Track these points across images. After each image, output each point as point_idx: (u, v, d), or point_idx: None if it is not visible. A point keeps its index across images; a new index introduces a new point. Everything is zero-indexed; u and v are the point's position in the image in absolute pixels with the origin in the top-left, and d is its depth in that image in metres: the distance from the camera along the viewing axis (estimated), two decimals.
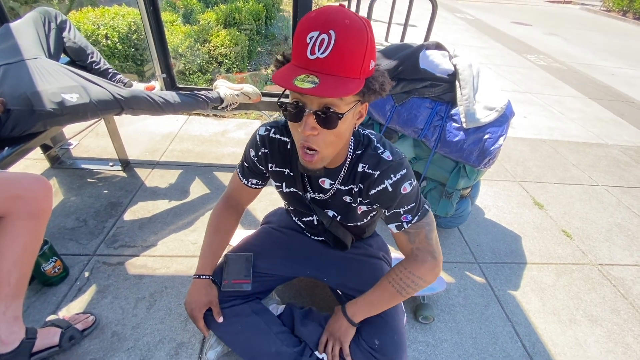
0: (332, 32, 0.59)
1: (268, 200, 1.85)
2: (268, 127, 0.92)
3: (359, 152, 0.85)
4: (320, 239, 1.15)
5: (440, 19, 7.28)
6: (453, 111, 1.42)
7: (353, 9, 2.67)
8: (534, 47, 6.25)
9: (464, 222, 1.75)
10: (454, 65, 1.45)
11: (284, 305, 1.15)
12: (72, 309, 1.23)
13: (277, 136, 0.91)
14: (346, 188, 0.89)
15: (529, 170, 2.43)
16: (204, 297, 0.98)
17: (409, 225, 0.85)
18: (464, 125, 1.38)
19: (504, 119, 1.39)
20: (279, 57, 0.71)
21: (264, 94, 1.92)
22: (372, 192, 0.85)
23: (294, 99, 0.68)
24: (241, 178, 1.03)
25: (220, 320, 0.98)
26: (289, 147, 0.91)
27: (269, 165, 0.95)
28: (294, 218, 1.16)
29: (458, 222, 1.69)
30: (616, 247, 1.83)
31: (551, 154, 2.69)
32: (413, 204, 0.84)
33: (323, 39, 0.59)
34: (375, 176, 0.82)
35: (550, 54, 5.85)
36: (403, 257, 0.93)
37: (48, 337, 1.05)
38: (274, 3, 4.69)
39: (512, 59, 5.32)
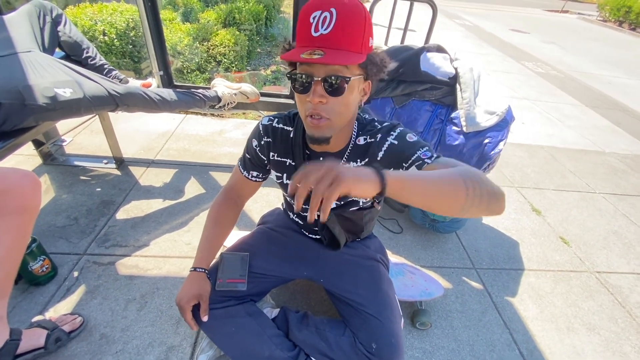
0: (333, 10, 0.64)
1: (264, 201, 1.82)
2: (271, 118, 0.95)
3: (361, 132, 0.88)
4: (317, 237, 1.13)
5: (439, 25, 7.32)
6: (453, 114, 1.41)
7: None
8: (532, 54, 6.30)
9: (462, 227, 1.74)
10: (455, 69, 1.44)
11: (279, 309, 1.13)
12: (60, 310, 1.19)
13: (280, 126, 0.94)
14: (352, 165, 0.87)
15: (526, 177, 2.42)
16: (195, 290, 0.95)
17: (432, 160, 0.73)
18: (464, 129, 1.37)
19: (504, 124, 1.38)
20: (286, 45, 0.75)
21: (263, 94, 1.90)
22: (381, 154, 0.83)
23: (302, 71, 0.71)
24: (242, 170, 1.03)
25: (205, 318, 0.95)
26: (291, 136, 0.92)
27: (271, 154, 0.96)
28: (292, 216, 1.14)
29: (456, 227, 1.67)
30: (613, 254, 1.83)
31: (549, 161, 2.69)
32: (426, 147, 0.77)
33: (325, 17, 0.64)
34: (378, 139, 0.84)
35: (548, 62, 5.90)
36: (403, 262, 0.91)
37: (33, 339, 1.01)
38: (274, 4, 4.68)
39: (511, 66, 5.35)
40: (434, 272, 1.54)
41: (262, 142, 0.95)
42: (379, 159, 0.84)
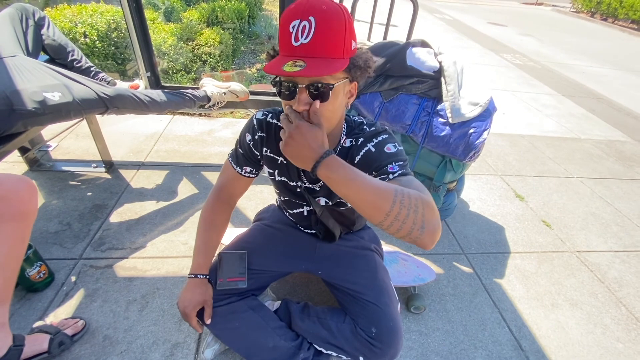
0: (311, 18, 0.63)
1: (258, 199, 1.85)
2: (265, 112, 0.94)
3: (349, 134, 0.89)
4: (312, 232, 1.16)
5: (420, 20, 7.43)
6: (439, 107, 1.47)
7: None
8: (509, 46, 6.48)
9: (451, 215, 1.80)
10: (440, 62, 1.49)
11: (280, 301, 1.16)
12: (60, 315, 1.19)
13: (274, 121, 0.92)
14: None
15: (509, 165, 2.52)
16: (199, 296, 0.97)
17: (395, 175, 0.74)
18: (450, 120, 1.43)
19: (487, 114, 1.44)
20: (270, 52, 0.74)
21: (252, 92, 1.91)
22: (357, 158, 0.84)
23: (286, 80, 0.71)
24: (235, 166, 1.00)
25: (209, 322, 0.97)
26: None
27: (264, 149, 0.95)
28: (285, 212, 1.17)
29: (445, 215, 1.74)
30: (592, 234, 1.94)
31: (529, 149, 2.80)
32: (400, 162, 0.77)
33: (304, 26, 0.64)
34: (358, 144, 0.85)
35: (525, 54, 6.09)
36: (395, 250, 0.94)
37: (36, 344, 1.02)
38: (256, 2, 4.66)
39: (490, 58, 5.50)
40: (425, 259, 1.60)
41: (256, 137, 0.93)
42: (355, 162, 0.84)
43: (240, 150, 0.98)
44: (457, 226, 1.84)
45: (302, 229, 1.17)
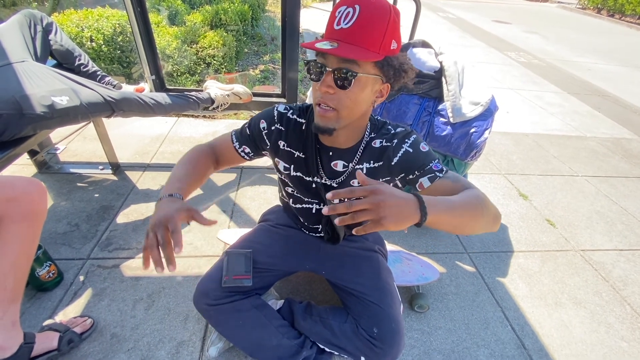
0: (357, 6, 0.67)
1: (262, 199, 1.86)
2: (287, 107, 0.95)
3: (374, 134, 0.90)
4: (316, 235, 1.17)
5: (423, 18, 7.40)
6: (440, 106, 1.47)
7: None
8: (514, 44, 6.44)
9: None
10: (440, 62, 1.50)
11: (283, 300, 1.17)
12: (69, 313, 1.22)
13: (294, 117, 0.93)
14: (364, 166, 0.90)
15: (513, 163, 2.51)
16: (179, 205, 0.74)
17: (443, 173, 0.80)
18: (451, 120, 1.43)
19: (488, 113, 1.45)
20: (319, 37, 0.77)
21: (255, 94, 1.94)
22: (396, 159, 0.86)
23: (317, 60, 0.74)
24: (234, 141, 0.96)
25: (208, 222, 0.73)
26: (303, 128, 0.92)
27: (280, 142, 0.94)
28: (293, 205, 1.11)
29: None
30: (596, 233, 1.93)
31: (533, 147, 2.79)
32: (437, 159, 0.84)
33: (349, 12, 0.67)
34: (393, 145, 0.87)
35: (530, 51, 6.04)
36: (399, 249, 0.94)
37: (46, 342, 1.04)
38: (259, 3, 4.69)
39: (495, 57, 5.47)
40: (428, 258, 1.61)
41: (273, 128, 0.93)
42: (393, 163, 0.87)
43: (247, 131, 0.95)
44: None
45: (307, 232, 1.18)
